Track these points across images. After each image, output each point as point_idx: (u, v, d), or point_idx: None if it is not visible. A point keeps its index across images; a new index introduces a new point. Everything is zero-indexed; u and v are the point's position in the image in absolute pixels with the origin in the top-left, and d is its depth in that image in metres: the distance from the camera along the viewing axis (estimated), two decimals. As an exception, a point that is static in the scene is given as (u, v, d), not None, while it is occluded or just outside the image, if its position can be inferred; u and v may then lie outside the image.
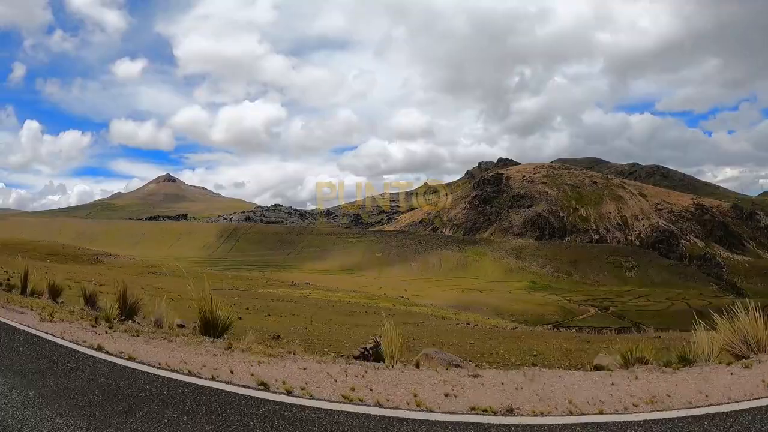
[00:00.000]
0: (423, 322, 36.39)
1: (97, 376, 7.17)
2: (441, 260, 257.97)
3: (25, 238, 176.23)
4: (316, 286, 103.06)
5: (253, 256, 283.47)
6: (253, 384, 7.00)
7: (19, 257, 43.15)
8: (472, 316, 65.54)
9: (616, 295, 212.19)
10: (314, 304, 48.43)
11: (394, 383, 7.18)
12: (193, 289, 10.55)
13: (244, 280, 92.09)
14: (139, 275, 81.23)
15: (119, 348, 8.71)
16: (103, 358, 8.10)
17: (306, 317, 31.03)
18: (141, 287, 47.11)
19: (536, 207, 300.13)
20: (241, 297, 44.42)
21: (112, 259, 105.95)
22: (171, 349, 8.80)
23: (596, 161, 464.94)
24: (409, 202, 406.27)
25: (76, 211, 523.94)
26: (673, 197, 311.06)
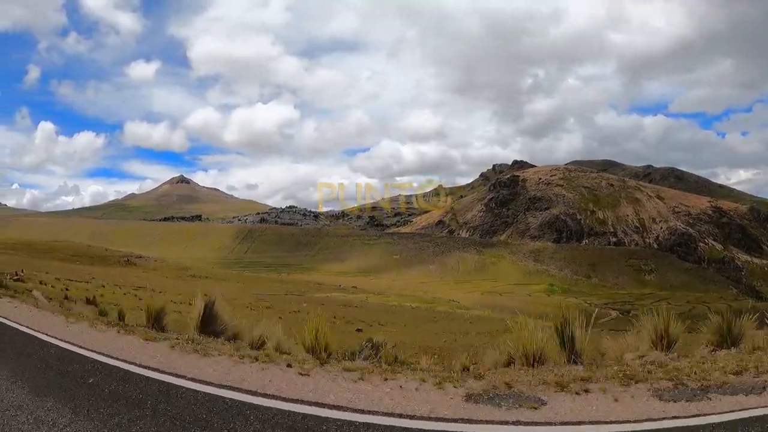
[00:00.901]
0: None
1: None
2: (459, 262, 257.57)
3: (48, 239, 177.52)
4: (364, 289, 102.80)
5: (269, 257, 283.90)
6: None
7: (52, 260, 43.37)
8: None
9: (636, 299, 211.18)
10: (389, 310, 48.40)
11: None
12: (264, 296, 10.16)
13: (288, 284, 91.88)
14: (177, 278, 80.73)
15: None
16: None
17: (423, 328, 30.82)
18: (193, 295, 47.32)
19: (553, 209, 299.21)
20: (309, 303, 44.43)
21: (143, 260, 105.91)
22: (429, 400, 6.24)
23: (610, 163, 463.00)
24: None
25: (89, 211, 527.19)
26: (691, 200, 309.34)
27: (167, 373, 7.13)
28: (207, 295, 10.52)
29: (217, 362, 7.76)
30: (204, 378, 6.90)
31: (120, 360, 7.77)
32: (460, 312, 55.61)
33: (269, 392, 6.35)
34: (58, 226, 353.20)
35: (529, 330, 7.75)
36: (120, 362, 7.65)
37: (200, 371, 7.21)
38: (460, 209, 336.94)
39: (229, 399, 6.09)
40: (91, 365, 7.53)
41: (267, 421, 5.43)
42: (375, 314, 39.71)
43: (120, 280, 57.98)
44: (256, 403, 5.94)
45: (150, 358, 7.94)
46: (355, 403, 6.00)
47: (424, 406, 5.94)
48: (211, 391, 6.39)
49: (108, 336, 9.62)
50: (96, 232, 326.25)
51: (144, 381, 6.81)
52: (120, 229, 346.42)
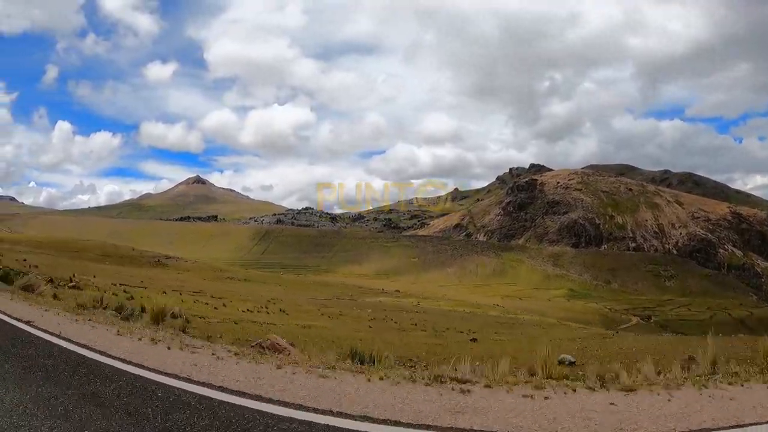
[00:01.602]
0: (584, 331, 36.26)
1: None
2: (478, 266, 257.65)
3: (74, 237, 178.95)
4: (407, 293, 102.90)
5: (286, 258, 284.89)
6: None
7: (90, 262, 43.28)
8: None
9: (656, 305, 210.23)
10: (454, 315, 48.81)
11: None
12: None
13: (331, 287, 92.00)
14: (216, 280, 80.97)
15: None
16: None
17: (528, 336, 30.89)
18: (256, 301, 47.33)
19: (572, 214, 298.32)
20: (374, 310, 44.87)
21: (172, 261, 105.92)
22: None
23: (628, 168, 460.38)
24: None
25: (105, 210, 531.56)
26: (710, 205, 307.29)
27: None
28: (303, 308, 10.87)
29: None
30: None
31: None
32: (518, 318, 56.00)
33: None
34: (76, 224, 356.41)
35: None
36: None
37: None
38: (477, 212, 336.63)
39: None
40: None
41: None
42: (450, 320, 40.14)
43: (168, 284, 58.07)
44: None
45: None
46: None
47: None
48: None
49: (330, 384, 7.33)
50: (114, 231, 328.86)
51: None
52: (138, 229, 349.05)
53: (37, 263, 46.43)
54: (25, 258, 50.72)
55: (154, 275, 71.14)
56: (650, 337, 33.73)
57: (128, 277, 57.83)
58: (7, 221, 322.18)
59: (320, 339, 17.50)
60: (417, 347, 19.90)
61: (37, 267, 40.81)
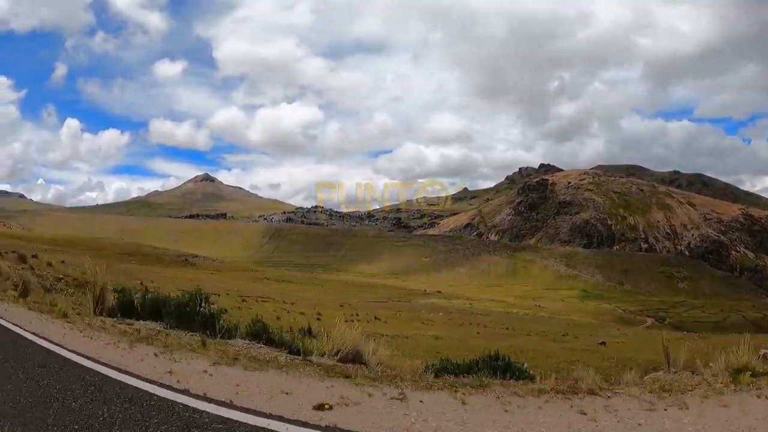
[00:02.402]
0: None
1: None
2: (490, 266, 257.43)
3: (89, 235, 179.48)
4: (448, 294, 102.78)
5: (297, 257, 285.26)
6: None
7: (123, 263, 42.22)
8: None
9: (670, 306, 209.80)
10: (518, 317, 48.86)
11: None
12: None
13: (376, 289, 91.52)
14: (255, 282, 79.81)
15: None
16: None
17: (638, 339, 30.21)
18: (324, 305, 46.62)
19: (583, 214, 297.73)
20: (445, 314, 44.70)
21: (200, 260, 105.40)
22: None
23: (637, 168, 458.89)
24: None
25: (113, 207, 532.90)
26: (721, 207, 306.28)
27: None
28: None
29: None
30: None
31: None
32: (568, 318, 55.99)
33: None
34: (86, 222, 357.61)
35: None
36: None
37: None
38: (488, 212, 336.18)
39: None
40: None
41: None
42: (523, 322, 40.12)
43: (215, 286, 56.64)
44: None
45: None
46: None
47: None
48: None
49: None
50: (125, 228, 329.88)
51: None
52: (149, 226, 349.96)
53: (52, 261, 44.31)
54: (63, 260, 49.46)
55: (191, 276, 69.56)
56: (704, 336, 33.29)
57: (171, 279, 56.33)
58: (16, 218, 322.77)
59: (468, 351, 17.06)
60: (560, 355, 19.68)
61: (51, 265, 38.50)
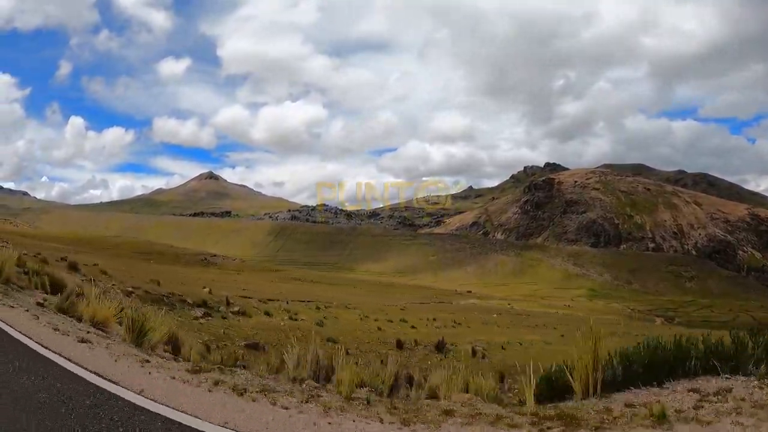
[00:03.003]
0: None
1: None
2: (497, 265, 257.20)
3: (100, 233, 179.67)
4: (477, 294, 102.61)
5: (303, 255, 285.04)
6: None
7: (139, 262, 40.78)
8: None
9: (678, 306, 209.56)
10: (561, 318, 48.62)
11: None
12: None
13: (408, 290, 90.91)
14: (285, 282, 78.20)
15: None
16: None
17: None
18: (381, 310, 45.60)
19: (590, 213, 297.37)
20: (499, 315, 44.37)
21: (220, 260, 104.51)
22: None
23: (642, 168, 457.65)
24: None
25: (117, 205, 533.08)
26: (728, 206, 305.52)
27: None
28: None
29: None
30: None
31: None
32: (603, 318, 56.04)
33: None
34: (92, 219, 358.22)
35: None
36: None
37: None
38: (494, 211, 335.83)
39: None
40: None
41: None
42: (567, 322, 39.79)
43: (248, 288, 54.92)
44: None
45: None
46: None
47: None
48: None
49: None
50: (131, 226, 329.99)
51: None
52: (154, 224, 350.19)
53: (105, 268, 40.76)
54: (96, 263, 45.34)
55: (220, 278, 66.96)
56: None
57: (208, 281, 53.93)
58: (20, 215, 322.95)
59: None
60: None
61: (106, 273, 34.77)
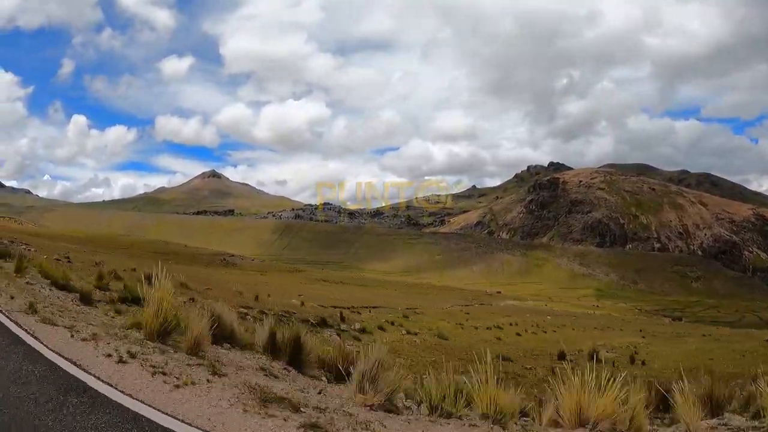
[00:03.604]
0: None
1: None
2: (503, 264, 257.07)
3: (114, 233, 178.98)
4: (506, 295, 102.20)
5: (308, 254, 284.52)
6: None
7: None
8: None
9: (685, 306, 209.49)
10: (601, 319, 48.58)
11: None
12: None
13: (441, 291, 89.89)
14: (313, 283, 76.46)
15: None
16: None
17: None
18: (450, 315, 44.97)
19: (595, 213, 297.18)
20: (552, 317, 44.13)
21: (238, 260, 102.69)
22: None
23: (645, 168, 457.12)
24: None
25: (120, 203, 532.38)
26: (733, 207, 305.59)
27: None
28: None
29: None
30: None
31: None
32: (632, 318, 55.94)
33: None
34: (96, 217, 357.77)
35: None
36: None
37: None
38: (499, 210, 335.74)
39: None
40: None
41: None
42: (624, 324, 39.68)
43: (282, 291, 52.68)
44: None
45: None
46: None
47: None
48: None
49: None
50: (136, 224, 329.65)
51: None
52: (159, 222, 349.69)
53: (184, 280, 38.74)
54: (134, 267, 40.08)
55: (248, 280, 61.05)
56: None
57: (245, 285, 51.16)
58: (24, 214, 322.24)
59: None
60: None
61: (187, 286, 33.46)
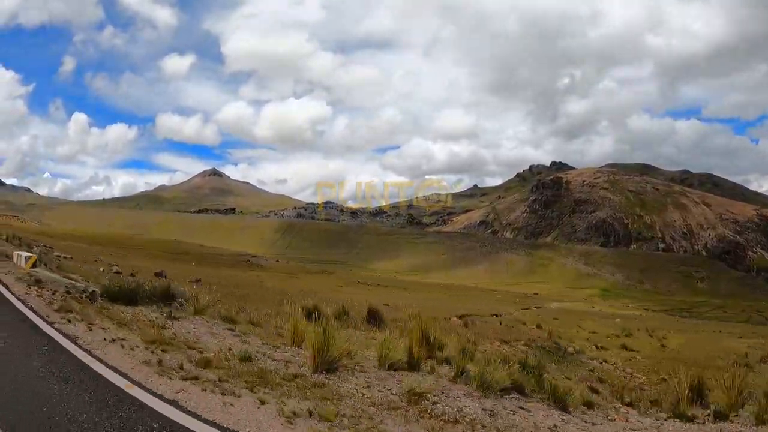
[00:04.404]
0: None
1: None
2: (508, 264, 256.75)
3: (124, 233, 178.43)
4: (546, 296, 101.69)
5: (312, 253, 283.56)
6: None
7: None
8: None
9: (691, 306, 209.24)
10: (635, 318, 48.29)
11: None
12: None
13: (487, 294, 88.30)
14: (349, 285, 73.90)
15: None
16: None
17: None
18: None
19: (599, 213, 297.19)
20: (622, 320, 43.49)
21: (262, 260, 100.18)
22: None
23: (647, 168, 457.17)
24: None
25: (121, 201, 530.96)
26: (737, 207, 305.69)
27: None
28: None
29: None
30: None
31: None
32: (668, 318, 55.72)
33: None
34: (99, 216, 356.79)
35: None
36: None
37: None
38: (502, 209, 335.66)
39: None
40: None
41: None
42: (667, 323, 39.21)
43: (322, 296, 49.57)
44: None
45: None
46: None
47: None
48: None
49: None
50: (139, 222, 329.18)
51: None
52: (161, 220, 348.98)
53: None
54: (160, 271, 36.35)
55: (284, 285, 60.39)
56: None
57: (289, 290, 48.23)
58: (25, 212, 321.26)
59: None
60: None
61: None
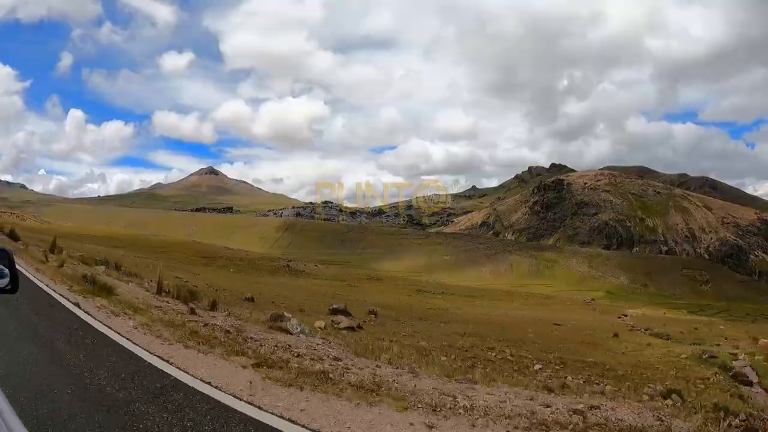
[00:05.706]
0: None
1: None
2: (512, 265, 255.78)
3: (139, 233, 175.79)
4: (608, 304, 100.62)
5: (313, 253, 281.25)
6: None
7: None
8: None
9: (698, 309, 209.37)
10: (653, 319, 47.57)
11: None
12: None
13: (535, 298, 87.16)
14: (406, 294, 71.74)
15: None
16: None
17: None
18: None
19: (602, 215, 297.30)
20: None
21: (300, 265, 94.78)
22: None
23: (645, 170, 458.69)
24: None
25: (116, 199, 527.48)
26: (738, 211, 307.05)
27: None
28: None
29: None
30: None
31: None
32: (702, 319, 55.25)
33: None
34: (95, 213, 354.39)
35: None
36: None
37: None
38: (503, 211, 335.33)
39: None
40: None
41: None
42: (684, 326, 38.52)
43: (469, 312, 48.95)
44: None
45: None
46: None
47: None
48: None
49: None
50: (137, 220, 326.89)
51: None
52: (161, 219, 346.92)
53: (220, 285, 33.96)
54: (211, 285, 33.33)
55: (357, 295, 54.18)
56: None
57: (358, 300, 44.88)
58: (21, 208, 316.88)
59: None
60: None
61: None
